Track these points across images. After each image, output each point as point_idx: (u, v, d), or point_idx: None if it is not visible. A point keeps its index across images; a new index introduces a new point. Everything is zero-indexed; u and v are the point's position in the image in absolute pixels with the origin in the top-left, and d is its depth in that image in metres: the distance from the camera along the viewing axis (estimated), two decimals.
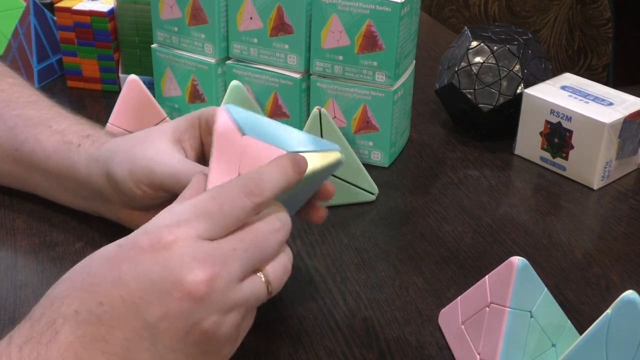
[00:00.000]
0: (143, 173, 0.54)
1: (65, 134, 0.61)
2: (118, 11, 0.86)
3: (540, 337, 0.48)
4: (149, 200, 0.56)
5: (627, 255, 0.64)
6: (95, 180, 0.58)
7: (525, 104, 0.76)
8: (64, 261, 0.60)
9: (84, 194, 0.61)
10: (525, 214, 0.70)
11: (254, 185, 0.45)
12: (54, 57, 0.92)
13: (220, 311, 0.42)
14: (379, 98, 0.73)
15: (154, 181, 0.54)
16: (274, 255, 0.46)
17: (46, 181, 0.62)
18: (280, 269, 0.46)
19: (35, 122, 0.63)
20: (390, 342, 0.54)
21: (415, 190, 0.73)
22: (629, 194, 0.73)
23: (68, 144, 0.60)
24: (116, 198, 0.58)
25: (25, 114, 0.64)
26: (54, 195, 0.64)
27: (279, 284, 0.46)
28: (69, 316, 0.41)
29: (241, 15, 0.74)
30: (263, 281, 0.45)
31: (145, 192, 0.55)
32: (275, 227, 0.46)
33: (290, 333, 0.54)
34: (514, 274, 0.46)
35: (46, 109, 0.65)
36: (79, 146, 0.60)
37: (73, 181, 0.60)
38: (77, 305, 0.41)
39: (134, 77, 0.71)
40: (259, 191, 0.45)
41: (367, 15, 0.69)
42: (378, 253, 0.63)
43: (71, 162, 0.60)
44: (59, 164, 0.60)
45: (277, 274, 0.45)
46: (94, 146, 0.59)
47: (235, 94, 0.70)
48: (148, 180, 0.54)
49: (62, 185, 0.62)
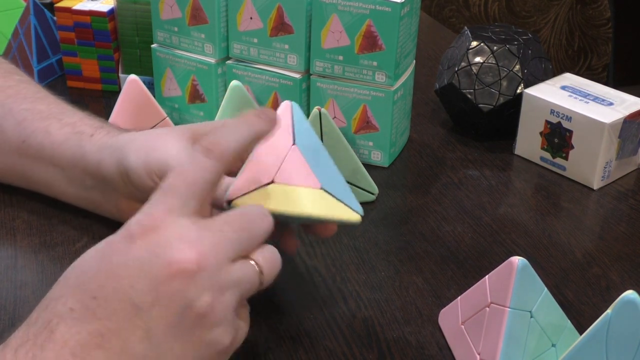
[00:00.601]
0: (158, 165, 0.54)
1: (77, 126, 0.62)
2: (118, 11, 0.86)
3: (540, 337, 0.48)
4: None
5: (627, 255, 0.64)
6: (105, 167, 0.58)
7: (525, 104, 0.76)
8: (64, 261, 0.60)
9: (89, 184, 0.61)
10: (525, 214, 0.70)
11: (207, 143, 0.45)
12: (54, 57, 0.92)
13: (212, 290, 0.42)
14: (379, 98, 0.73)
15: None
16: (262, 240, 0.46)
17: (51, 173, 0.62)
18: (270, 256, 0.45)
19: (45, 116, 0.63)
20: (390, 342, 0.54)
21: (415, 190, 0.73)
22: (629, 194, 0.73)
23: (80, 134, 0.61)
24: (122, 187, 0.58)
25: (34, 108, 0.64)
26: (57, 188, 0.64)
27: (270, 272, 0.45)
28: (64, 314, 0.41)
29: (241, 15, 0.74)
30: (254, 265, 0.44)
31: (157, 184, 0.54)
32: (262, 212, 0.46)
33: (290, 333, 0.54)
34: (514, 274, 0.46)
35: (55, 104, 0.66)
36: (91, 136, 0.60)
37: (80, 169, 0.60)
38: (72, 303, 0.41)
39: (134, 77, 0.71)
40: (213, 145, 0.44)
41: (367, 15, 0.69)
42: (378, 253, 0.63)
43: (82, 150, 0.60)
44: (68, 153, 0.60)
45: (267, 261, 0.45)
46: (108, 136, 0.60)
47: (235, 94, 0.70)
48: (161, 172, 0.54)
49: (66, 177, 0.62)
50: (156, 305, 0.41)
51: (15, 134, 0.63)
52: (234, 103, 0.70)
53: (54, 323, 0.41)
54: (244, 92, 0.71)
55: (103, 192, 0.60)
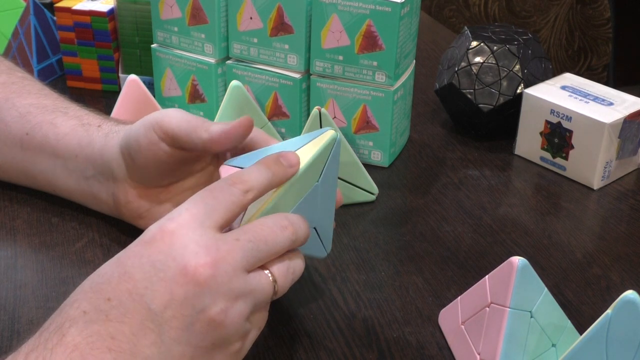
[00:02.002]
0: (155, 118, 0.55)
1: (83, 119, 0.62)
2: (118, 11, 0.86)
3: (540, 337, 0.48)
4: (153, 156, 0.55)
5: (627, 255, 0.64)
6: (107, 151, 0.59)
7: (525, 104, 0.76)
8: (64, 261, 0.60)
9: (89, 173, 0.61)
10: (525, 214, 0.70)
11: (235, 178, 0.46)
12: (54, 57, 0.92)
13: (226, 297, 0.42)
14: (379, 98, 0.73)
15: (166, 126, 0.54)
16: (280, 252, 0.46)
17: (51, 165, 0.63)
18: (286, 269, 0.46)
19: (51, 109, 0.64)
20: (390, 342, 0.54)
21: (415, 190, 0.73)
22: (629, 194, 0.73)
23: (87, 125, 0.62)
24: (122, 168, 0.58)
25: (39, 103, 0.65)
26: (56, 181, 0.63)
27: (284, 285, 0.46)
28: (77, 317, 0.41)
29: (241, 15, 0.74)
30: (270, 277, 0.45)
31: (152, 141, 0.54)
32: (282, 224, 0.46)
33: (290, 333, 0.54)
34: (514, 274, 0.46)
35: (60, 100, 0.66)
36: (99, 126, 0.61)
37: (82, 158, 0.60)
38: (86, 306, 0.41)
39: (134, 77, 0.71)
40: (240, 180, 0.46)
41: (367, 15, 0.69)
42: (378, 253, 0.63)
43: (89, 138, 0.60)
44: (73, 143, 0.61)
45: (282, 273, 0.46)
46: (117, 126, 0.60)
47: (235, 94, 0.70)
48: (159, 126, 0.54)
49: (67, 168, 0.62)
50: (169, 307, 0.41)
51: (18, 126, 0.63)
52: (234, 103, 0.70)
53: (65, 327, 0.41)
54: (244, 92, 0.71)
55: (101, 182, 0.60)
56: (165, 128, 0.54)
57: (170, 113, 0.55)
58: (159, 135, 0.54)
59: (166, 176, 0.58)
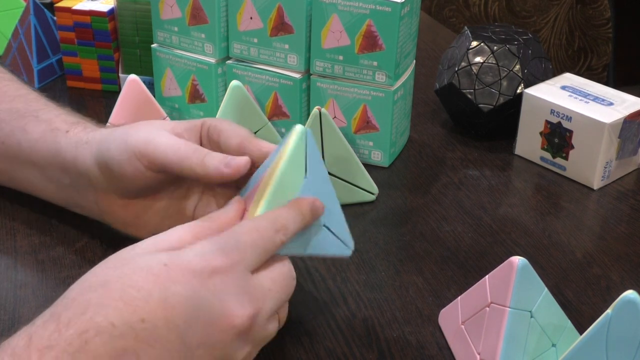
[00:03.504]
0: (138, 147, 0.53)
1: (52, 122, 0.61)
2: (118, 11, 0.86)
3: (540, 337, 0.48)
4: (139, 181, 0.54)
5: (627, 255, 0.64)
6: (81, 163, 0.57)
7: (525, 104, 0.76)
8: (64, 261, 0.60)
9: (66, 182, 0.59)
10: (525, 214, 0.70)
11: (281, 225, 0.47)
12: (54, 57, 0.92)
13: (253, 345, 0.45)
14: (379, 98, 0.73)
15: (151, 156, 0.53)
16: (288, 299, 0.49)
17: (30, 172, 0.61)
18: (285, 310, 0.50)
19: (22, 114, 0.62)
20: (390, 342, 0.54)
21: (415, 190, 0.73)
22: (629, 194, 0.73)
23: (55, 130, 0.60)
24: (99, 182, 0.56)
25: (12, 108, 0.63)
26: (38, 188, 0.62)
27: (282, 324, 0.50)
28: (104, 329, 0.39)
29: (241, 15, 0.74)
30: (277, 320, 0.48)
31: (137, 168, 0.53)
32: (293, 275, 0.49)
33: (290, 333, 0.54)
34: (514, 274, 0.46)
35: (34, 101, 0.64)
36: (67, 132, 0.59)
37: (57, 167, 0.59)
38: (115, 318, 0.40)
39: (134, 77, 0.71)
40: (284, 230, 0.47)
41: (367, 15, 0.69)
42: (378, 253, 0.63)
43: (57, 147, 0.59)
44: (44, 150, 0.59)
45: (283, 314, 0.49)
46: (85, 131, 0.59)
47: (236, 94, 0.70)
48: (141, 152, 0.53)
49: (45, 175, 0.61)
50: (202, 346, 0.42)
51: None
52: (234, 103, 0.70)
53: (90, 335, 0.39)
54: (244, 92, 0.71)
55: (79, 190, 0.59)
56: (151, 158, 0.52)
57: (156, 140, 0.53)
58: (144, 164, 0.53)
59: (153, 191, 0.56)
